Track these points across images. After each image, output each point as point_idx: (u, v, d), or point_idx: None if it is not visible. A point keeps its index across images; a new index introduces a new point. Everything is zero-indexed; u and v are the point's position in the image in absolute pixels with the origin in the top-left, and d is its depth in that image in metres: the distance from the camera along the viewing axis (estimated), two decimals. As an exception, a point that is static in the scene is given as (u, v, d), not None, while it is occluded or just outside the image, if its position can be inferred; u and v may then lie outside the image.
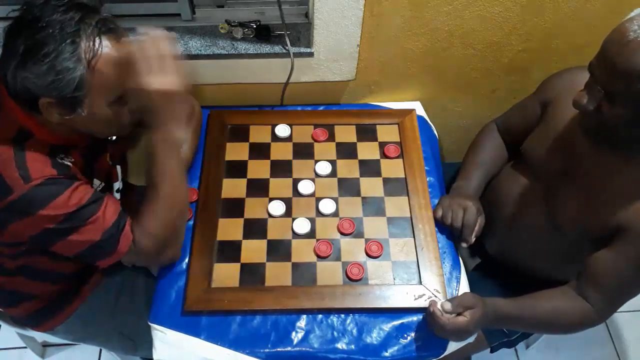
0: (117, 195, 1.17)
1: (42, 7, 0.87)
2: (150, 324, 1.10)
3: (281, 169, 1.32)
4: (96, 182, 1.07)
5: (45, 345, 1.70)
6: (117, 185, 1.19)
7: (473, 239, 1.18)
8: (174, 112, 0.96)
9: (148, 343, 1.10)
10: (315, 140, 1.38)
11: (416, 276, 1.15)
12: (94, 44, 0.87)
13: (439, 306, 1.02)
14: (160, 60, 0.91)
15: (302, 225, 1.21)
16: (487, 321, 1.06)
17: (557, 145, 1.12)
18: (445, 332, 1.02)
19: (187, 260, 1.16)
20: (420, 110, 1.48)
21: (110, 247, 1.00)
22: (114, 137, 1.16)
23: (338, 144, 1.37)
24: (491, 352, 1.37)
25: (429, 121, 1.48)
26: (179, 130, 0.99)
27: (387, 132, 1.40)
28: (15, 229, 0.95)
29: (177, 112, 0.97)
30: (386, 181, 1.31)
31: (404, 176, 1.31)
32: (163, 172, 1.00)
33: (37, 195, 0.91)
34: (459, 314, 1.01)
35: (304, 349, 1.08)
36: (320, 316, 1.11)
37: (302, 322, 1.11)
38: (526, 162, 1.21)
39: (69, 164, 0.98)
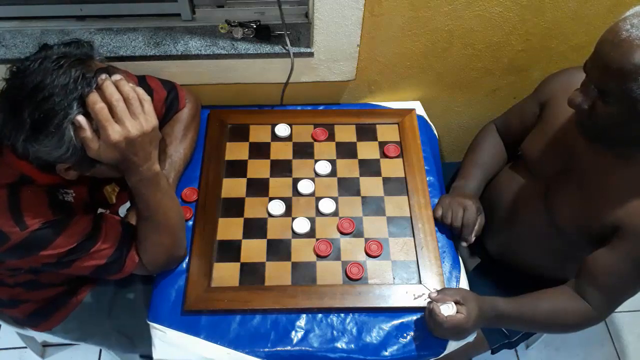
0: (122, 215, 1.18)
1: (39, 72, 0.84)
2: (150, 323, 1.10)
3: (281, 168, 1.32)
4: (100, 211, 1.07)
5: (45, 345, 1.70)
6: (126, 204, 1.20)
7: (473, 238, 1.18)
8: (144, 150, 0.90)
9: (147, 340, 1.10)
10: (315, 140, 1.38)
11: (416, 275, 1.15)
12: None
13: (427, 296, 1.02)
14: (114, 108, 0.85)
15: (302, 225, 1.21)
16: (486, 320, 1.06)
17: (555, 145, 1.13)
18: (443, 330, 1.02)
19: (187, 259, 1.16)
20: (420, 110, 1.48)
21: (116, 268, 1.03)
22: None
23: (338, 144, 1.37)
24: (492, 353, 1.37)
25: (429, 121, 1.48)
26: (151, 164, 0.94)
27: (387, 132, 1.40)
28: (15, 263, 0.96)
29: (145, 148, 0.90)
30: (386, 181, 1.31)
31: (403, 176, 1.31)
32: (150, 206, 0.99)
33: (35, 239, 0.91)
34: (457, 312, 1.01)
35: (303, 348, 1.08)
36: (320, 315, 1.11)
37: (302, 321, 1.11)
38: (525, 162, 1.21)
39: (70, 199, 0.98)
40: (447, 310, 1.01)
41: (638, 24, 0.85)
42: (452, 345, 1.09)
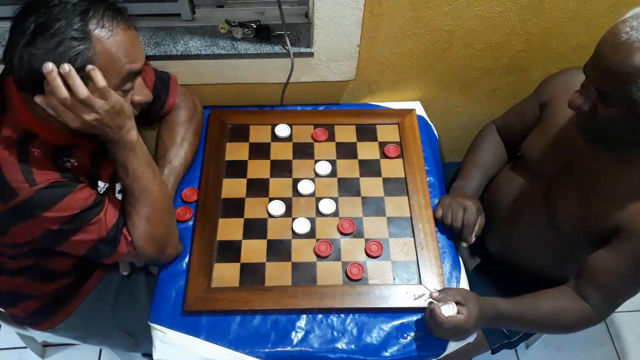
0: (119, 196, 1.18)
1: None
2: (150, 324, 1.10)
3: (281, 168, 1.32)
4: (100, 184, 1.07)
5: (45, 345, 1.70)
6: (119, 186, 1.20)
7: (473, 239, 1.18)
8: (113, 123, 0.92)
9: (149, 339, 1.10)
10: (315, 140, 1.38)
11: (416, 276, 1.15)
12: (103, 24, 0.87)
13: (428, 296, 1.02)
14: (64, 103, 0.86)
15: (302, 225, 1.21)
16: (486, 320, 1.06)
17: (555, 145, 1.13)
18: (443, 330, 1.02)
19: (187, 260, 1.16)
20: (420, 110, 1.48)
21: (112, 246, 1.03)
22: None
23: (338, 144, 1.37)
24: (492, 353, 1.37)
25: (429, 121, 1.48)
26: (125, 133, 0.95)
27: (387, 132, 1.40)
28: (18, 230, 0.96)
29: (114, 121, 0.92)
30: (386, 181, 1.31)
31: (404, 176, 1.31)
32: (128, 174, 1.00)
33: (42, 198, 0.91)
34: (457, 312, 1.01)
35: (303, 348, 1.08)
36: (320, 316, 1.11)
37: (302, 322, 1.11)
38: (525, 163, 1.21)
39: (71, 167, 0.98)
40: (448, 310, 1.01)
41: (638, 26, 0.85)
42: (453, 346, 1.09)
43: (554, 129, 1.13)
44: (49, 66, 0.83)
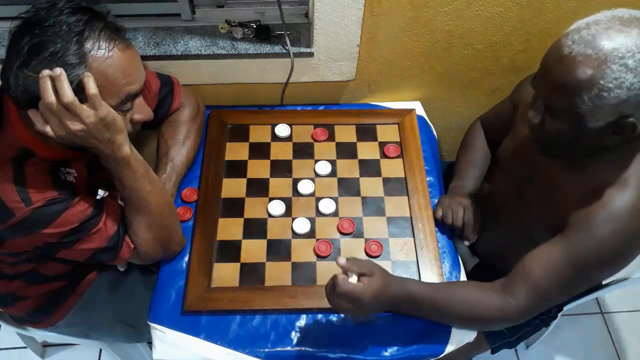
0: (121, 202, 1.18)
1: (48, 10, 0.85)
2: (149, 323, 1.10)
3: (281, 168, 1.32)
4: (100, 192, 1.07)
5: (45, 345, 1.70)
6: None
7: (475, 237, 1.18)
8: (102, 136, 0.88)
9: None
10: (315, 140, 1.38)
11: (416, 276, 1.15)
12: (99, 46, 0.85)
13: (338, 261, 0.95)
14: (50, 109, 0.83)
15: (302, 225, 1.21)
16: (392, 300, 1.01)
17: (520, 150, 1.13)
18: (336, 297, 0.96)
19: (187, 259, 1.16)
20: (420, 110, 1.48)
21: (113, 252, 1.03)
22: None
23: (338, 144, 1.37)
24: (492, 353, 1.37)
25: (428, 121, 1.48)
26: (116, 149, 0.92)
27: (387, 132, 1.40)
28: (16, 243, 0.96)
29: (103, 135, 0.88)
30: (386, 181, 1.31)
31: (403, 176, 1.31)
32: (125, 188, 0.99)
33: (39, 216, 0.91)
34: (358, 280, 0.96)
35: (303, 348, 1.08)
36: (319, 316, 1.11)
37: (302, 321, 1.11)
38: (500, 165, 1.21)
39: (72, 179, 0.98)
40: (347, 279, 0.95)
41: (579, 40, 0.85)
42: (452, 346, 1.09)
43: (520, 134, 1.13)
44: (44, 72, 0.81)
